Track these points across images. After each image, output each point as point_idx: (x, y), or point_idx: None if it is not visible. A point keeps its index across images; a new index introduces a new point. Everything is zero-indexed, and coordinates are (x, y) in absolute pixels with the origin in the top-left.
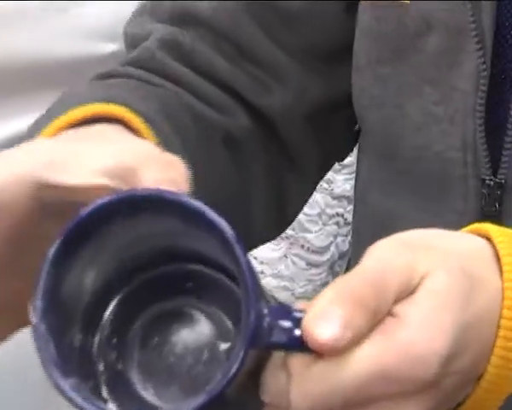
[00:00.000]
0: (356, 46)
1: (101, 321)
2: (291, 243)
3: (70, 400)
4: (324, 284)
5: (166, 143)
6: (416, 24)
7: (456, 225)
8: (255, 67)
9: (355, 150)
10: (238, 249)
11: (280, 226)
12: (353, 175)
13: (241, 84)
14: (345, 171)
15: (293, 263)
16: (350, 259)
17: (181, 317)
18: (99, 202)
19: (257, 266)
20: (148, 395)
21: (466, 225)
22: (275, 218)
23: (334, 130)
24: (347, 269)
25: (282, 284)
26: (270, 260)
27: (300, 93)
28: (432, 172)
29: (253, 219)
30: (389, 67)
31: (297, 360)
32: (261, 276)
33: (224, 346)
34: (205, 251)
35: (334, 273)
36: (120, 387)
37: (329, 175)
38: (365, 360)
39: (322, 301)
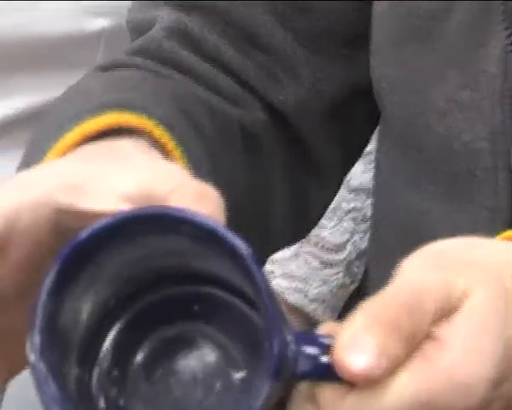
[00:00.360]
0: (373, 26)
1: (99, 352)
2: (303, 241)
3: None
4: (341, 286)
5: (189, 149)
6: (438, 1)
7: (486, 222)
8: (266, 57)
9: (374, 138)
10: (257, 272)
11: (300, 229)
12: (373, 165)
13: (252, 76)
14: (363, 160)
15: (306, 262)
16: (368, 260)
17: (187, 344)
18: (97, 225)
19: (266, 266)
20: None
21: (497, 223)
22: (294, 221)
23: (355, 122)
24: (366, 270)
25: (294, 285)
26: (280, 259)
27: (315, 85)
28: (458, 165)
29: (272, 221)
30: (409, 48)
31: (327, 392)
32: (270, 276)
33: (237, 375)
34: (213, 271)
35: (351, 274)
36: None
37: None
38: (405, 389)
39: (354, 326)
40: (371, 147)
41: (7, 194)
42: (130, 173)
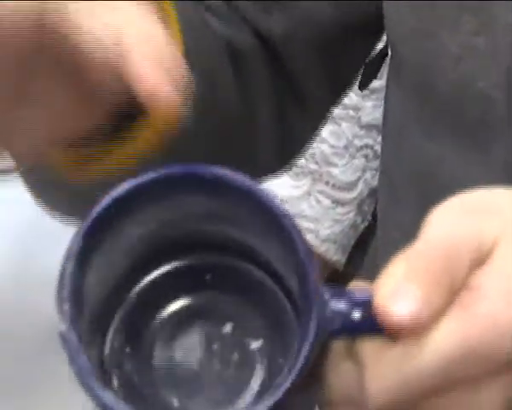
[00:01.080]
0: None
1: (111, 325)
2: (314, 179)
3: None
4: (352, 225)
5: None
6: None
7: (501, 175)
8: None
9: (385, 74)
10: (295, 233)
11: (285, 158)
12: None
13: (244, 4)
14: (374, 96)
15: (318, 201)
16: (377, 200)
17: (202, 314)
18: (128, 184)
19: None
20: (172, 407)
21: None
22: (280, 148)
23: (347, 59)
24: (375, 210)
25: (306, 225)
26: (290, 199)
27: (306, 17)
28: (473, 114)
29: (255, 144)
30: None
31: (368, 346)
32: None
33: (255, 344)
34: (231, 237)
35: (362, 213)
36: (138, 400)
37: (356, 101)
38: (449, 338)
39: (394, 276)
40: (381, 83)
41: None
42: (117, 10)
